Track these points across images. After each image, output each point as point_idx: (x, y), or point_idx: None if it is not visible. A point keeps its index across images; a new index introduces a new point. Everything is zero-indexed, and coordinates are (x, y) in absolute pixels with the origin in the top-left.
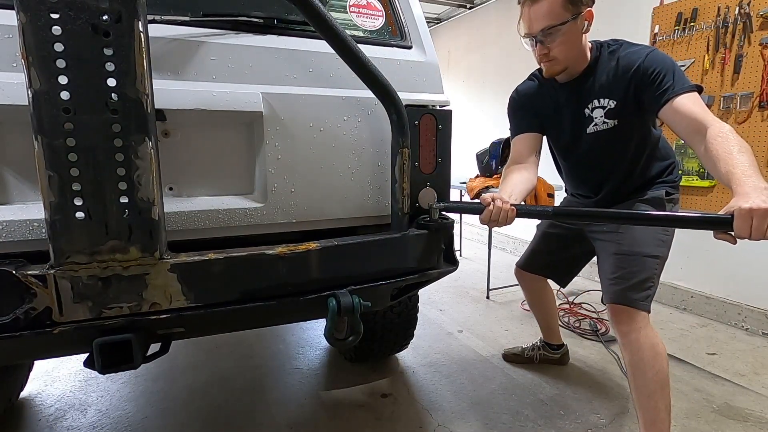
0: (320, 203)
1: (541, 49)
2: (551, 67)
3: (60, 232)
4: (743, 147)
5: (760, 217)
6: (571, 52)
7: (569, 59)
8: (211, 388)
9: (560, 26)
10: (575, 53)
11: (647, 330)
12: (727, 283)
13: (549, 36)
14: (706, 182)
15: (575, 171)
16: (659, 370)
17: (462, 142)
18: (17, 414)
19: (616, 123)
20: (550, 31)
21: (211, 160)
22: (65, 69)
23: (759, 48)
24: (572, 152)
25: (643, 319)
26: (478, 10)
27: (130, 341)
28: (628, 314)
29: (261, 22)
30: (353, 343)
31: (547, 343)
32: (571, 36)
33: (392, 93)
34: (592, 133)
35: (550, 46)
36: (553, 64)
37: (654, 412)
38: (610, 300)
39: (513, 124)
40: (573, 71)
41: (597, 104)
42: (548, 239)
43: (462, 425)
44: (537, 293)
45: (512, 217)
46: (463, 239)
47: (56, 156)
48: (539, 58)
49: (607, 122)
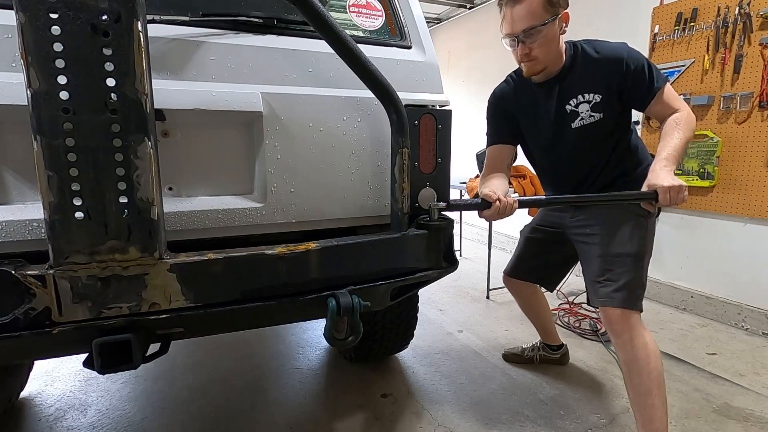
0: (320, 203)
1: (523, 49)
2: (532, 67)
3: (59, 232)
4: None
5: (675, 191)
6: (551, 52)
7: (549, 59)
8: (211, 388)
9: (541, 27)
10: (554, 53)
11: (639, 329)
12: (727, 283)
13: (530, 36)
14: (706, 182)
15: (557, 169)
16: (654, 369)
17: (462, 142)
18: (17, 414)
19: (602, 116)
20: (531, 32)
21: (211, 160)
22: (64, 69)
23: (759, 48)
24: (554, 150)
25: (636, 318)
26: (478, 10)
27: (129, 341)
28: (620, 315)
29: (260, 22)
30: (353, 343)
31: (547, 344)
32: (550, 36)
33: (392, 93)
34: (579, 127)
35: (531, 46)
36: (533, 63)
37: (651, 411)
38: (600, 303)
39: (489, 130)
40: (551, 70)
41: (582, 99)
42: (531, 244)
43: (462, 425)
44: (527, 298)
45: (515, 208)
46: (463, 239)
47: (55, 156)
48: (520, 58)
49: (593, 115)
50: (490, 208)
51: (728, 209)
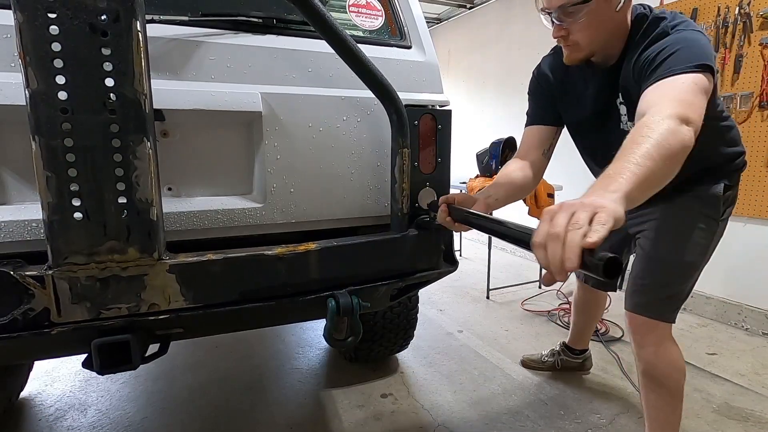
0: (319, 203)
1: (559, 31)
2: (571, 54)
3: (58, 232)
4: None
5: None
6: (598, 37)
7: (595, 45)
8: (211, 388)
9: (582, 5)
10: (603, 38)
11: (668, 342)
12: (727, 283)
13: (569, 15)
14: None
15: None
16: (675, 387)
17: (462, 142)
18: (17, 414)
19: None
20: (570, 9)
21: (210, 160)
22: (63, 69)
23: (759, 48)
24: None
25: (665, 329)
26: (478, 10)
27: (128, 342)
28: (648, 325)
29: (260, 22)
30: (353, 344)
31: (569, 347)
32: (599, 17)
33: (392, 93)
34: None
35: (569, 27)
36: (573, 50)
37: (663, 427)
38: (630, 307)
39: (529, 108)
40: (607, 55)
41: (621, 100)
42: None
43: (462, 425)
44: (591, 302)
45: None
46: (463, 239)
47: (54, 156)
48: (557, 41)
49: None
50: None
51: None
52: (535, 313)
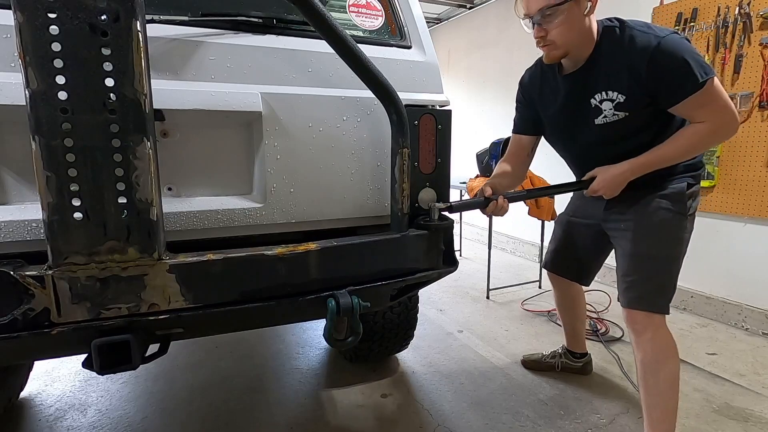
0: (319, 203)
1: (539, 31)
2: (550, 52)
3: (58, 232)
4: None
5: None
6: (571, 36)
7: (569, 43)
8: (211, 388)
9: (558, 6)
10: (576, 37)
11: (663, 330)
12: (727, 283)
13: (547, 17)
14: (707, 182)
15: (581, 161)
16: (670, 372)
17: (462, 142)
18: (17, 414)
19: (627, 114)
20: (548, 12)
21: (210, 160)
22: (63, 69)
23: (759, 48)
24: (576, 143)
25: (660, 319)
26: (478, 10)
27: (128, 342)
28: (644, 316)
29: (260, 22)
30: (353, 344)
31: (570, 350)
32: (572, 18)
33: (392, 93)
34: (602, 124)
35: (547, 28)
36: (551, 48)
37: (661, 413)
38: (626, 303)
39: (515, 117)
40: (577, 57)
41: (605, 96)
42: (567, 237)
43: (462, 425)
44: (570, 298)
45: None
46: (463, 239)
47: (54, 156)
48: (536, 42)
49: (617, 114)
50: (487, 207)
51: (728, 209)
52: (535, 313)
